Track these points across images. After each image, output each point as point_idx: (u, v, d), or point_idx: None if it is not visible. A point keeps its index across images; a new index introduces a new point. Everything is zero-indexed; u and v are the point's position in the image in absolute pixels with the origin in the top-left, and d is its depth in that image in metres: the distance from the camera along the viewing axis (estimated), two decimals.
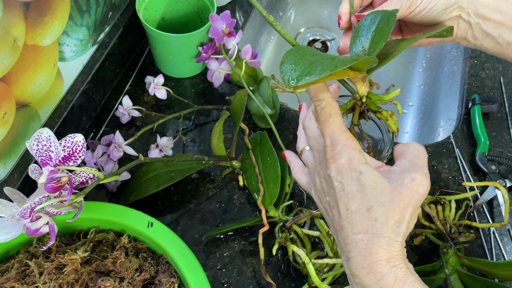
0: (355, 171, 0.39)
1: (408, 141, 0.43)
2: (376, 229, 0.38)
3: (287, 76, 0.37)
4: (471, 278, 0.59)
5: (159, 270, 0.54)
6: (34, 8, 0.54)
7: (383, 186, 0.39)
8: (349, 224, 0.39)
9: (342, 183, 0.39)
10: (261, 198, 0.62)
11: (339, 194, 0.40)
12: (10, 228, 0.47)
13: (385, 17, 0.44)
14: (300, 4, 1.15)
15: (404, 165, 0.40)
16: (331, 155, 0.40)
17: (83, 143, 0.48)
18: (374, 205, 0.38)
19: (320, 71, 0.36)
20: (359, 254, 0.38)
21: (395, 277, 0.37)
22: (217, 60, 0.75)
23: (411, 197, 0.38)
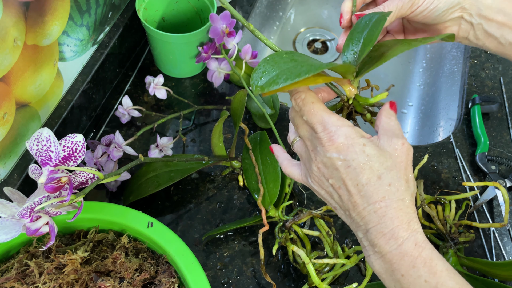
0: (358, 145, 0.40)
1: None
2: (391, 193, 0.39)
3: (255, 83, 0.39)
4: (471, 278, 0.59)
5: (159, 270, 0.54)
6: (34, 8, 0.54)
7: (384, 152, 0.40)
8: (363, 197, 0.40)
9: (346, 160, 0.40)
10: (261, 198, 0.62)
11: (345, 172, 0.40)
12: (10, 228, 0.46)
13: (378, 20, 0.45)
14: (300, 4, 1.15)
15: (388, 132, 0.42)
16: (327, 138, 0.41)
17: (83, 143, 0.48)
18: (384, 171, 0.40)
19: (284, 80, 0.37)
20: (379, 222, 0.39)
21: (415, 241, 0.39)
22: (217, 60, 0.75)
23: (407, 158, 0.41)
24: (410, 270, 0.39)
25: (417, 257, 0.39)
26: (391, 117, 0.43)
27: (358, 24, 0.46)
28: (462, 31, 0.53)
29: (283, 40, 1.09)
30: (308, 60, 0.41)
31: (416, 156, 0.75)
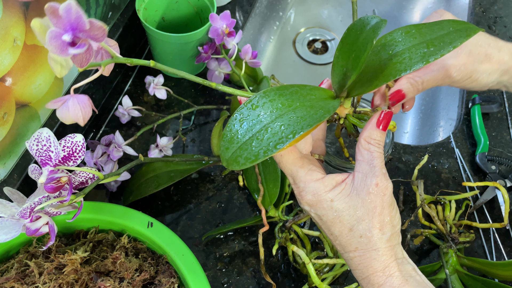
0: (325, 201, 0.40)
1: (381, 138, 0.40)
2: (364, 244, 0.39)
3: (222, 155, 0.36)
4: (471, 278, 0.59)
5: (159, 270, 0.54)
6: (34, 8, 0.54)
7: (355, 202, 0.39)
8: (339, 245, 0.41)
9: (317, 214, 0.41)
10: (261, 198, 0.62)
11: (319, 222, 0.42)
12: (10, 228, 0.46)
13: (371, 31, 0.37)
14: (300, 4, 1.15)
15: (364, 169, 0.39)
16: (297, 193, 0.42)
17: (83, 143, 0.48)
18: (354, 223, 0.39)
19: (244, 159, 0.34)
20: (357, 269, 0.40)
21: (390, 287, 0.39)
22: (217, 60, 0.74)
23: (382, 201, 0.39)
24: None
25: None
26: (371, 146, 0.39)
27: (350, 31, 0.39)
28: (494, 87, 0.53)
29: (283, 40, 1.09)
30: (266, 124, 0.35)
31: (416, 156, 0.75)
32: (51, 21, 0.32)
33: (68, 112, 0.36)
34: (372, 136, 0.39)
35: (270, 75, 0.75)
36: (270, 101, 0.36)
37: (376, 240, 0.39)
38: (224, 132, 0.36)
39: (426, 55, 0.37)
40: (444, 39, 0.38)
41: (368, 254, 0.39)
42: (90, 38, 0.34)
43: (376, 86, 0.38)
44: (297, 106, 0.36)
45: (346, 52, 0.38)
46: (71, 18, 0.33)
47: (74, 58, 0.35)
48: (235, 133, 0.36)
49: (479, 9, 0.97)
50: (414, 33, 0.39)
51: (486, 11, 0.97)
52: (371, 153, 0.39)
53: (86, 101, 0.37)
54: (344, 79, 0.38)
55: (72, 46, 0.33)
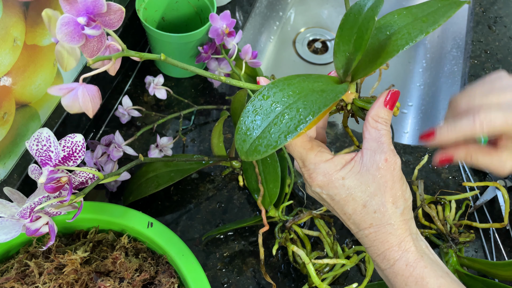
0: (337, 180, 0.40)
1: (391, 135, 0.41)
2: (378, 219, 0.39)
3: (239, 148, 0.36)
4: (471, 278, 0.59)
5: (159, 270, 0.54)
6: (34, 8, 0.54)
7: (366, 178, 0.39)
8: (353, 223, 0.41)
9: (329, 194, 0.41)
10: (261, 198, 0.62)
11: (332, 203, 0.41)
12: (10, 228, 0.46)
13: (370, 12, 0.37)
14: (300, 4, 1.15)
15: (372, 146, 0.40)
16: (308, 175, 0.41)
17: (83, 143, 0.48)
18: (367, 199, 0.39)
19: (264, 147, 0.34)
20: (372, 245, 0.40)
21: (406, 262, 0.39)
22: (217, 60, 0.74)
23: (392, 176, 0.39)
24: None
25: (408, 276, 0.39)
26: (378, 124, 0.40)
27: (347, 15, 0.40)
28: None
29: (283, 40, 1.09)
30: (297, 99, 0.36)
31: (416, 156, 0.75)
32: (64, 7, 0.32)
33: (76, 101, 0.35)
34: (380, 114, 0.40)
35: (270, 75, 0.75)
36: (280, 90, 0.37)
37: (390, 214, 0.39)
38: (239, 125, 0.36)
39: (424, 28, 0.38)
40: (437, 13, 0.39)
41: (384, 229, 0.39)
42: (105, 23, 0.33)
43: (381, 64, 0.38)
44: (308, 93, 0.37)
45: (346, 36, 0.39)
46: (88, 1, 0.32)
47: (85, 47, 0.33)
48: (250, 124, 0.36)
49: (479, 9, 0.97)
50: (406, 14, 0.40)
51: (486, 11, 0.97)
52: (378, 131, 0.40)
53: (96, 92, 0.36)
54: (348, 63, 0.39)
55: None
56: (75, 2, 0.32)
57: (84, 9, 0.32)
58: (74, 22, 0.33)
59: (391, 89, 0.40)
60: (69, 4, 0.32)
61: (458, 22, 1.01)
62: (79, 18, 0.32)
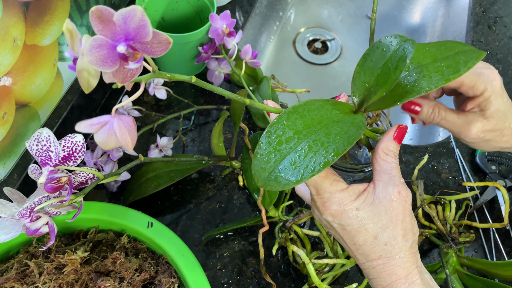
0: (351, 211, 0.40)
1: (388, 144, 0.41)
2: (388, 252, 0.39)
3: (256, 175, 0.34)
4: (471, 278, 0.59)
5: (159, 270, 0.54)
6: (33, 8, 0.54)
7: (379, 210, 0.40)
8: (361, 254, 0.41)
9: (341, 224, 0.40)
10: (261, 198, 0.62)
11: (341, 233, 0.41)
12: (9, 228, 0.46)
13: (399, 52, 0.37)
14: (300, 4, 1.15)
15: (384, 178, 0.40)
16: (321, 203, 0.41)
17: (83, 143, 0.48)
18: (379, 231, 0.39)
19: (286, 180, 0.33)
20: (378, 277, 0.40)
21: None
22: (217, 60, 0.74)
23: (403, 209, 0.40)
24: None
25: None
26: (388, 157, 0.40)
27: (375, 47, 0.39)
28: None
29: (283, 40, 1.09)
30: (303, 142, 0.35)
31: (416, 156, 0.75)
32: (95, 26, 0.28)
33: (112, 135, 0.31)
34: (389, 147, 0.40)
35: (270, 75, 0.75)
36: (301, 117, 0.36)
37: (400, 247, 0.39)
38: (258, 150, 0.35)
39: (445, 74, 0.38)
40: (455, 60, 0.39)
41: (393, 261, 0.39)
42: (145, 51, 0.29)
43: (400, 103, 0.38)
44: (328, 123, 0.36)
45: (369, 68, 0.39)
46: (130, 26, 0.28)
47: (117, 73, 0.30)
48: (271, 152, 0.35)
49: (479, 9, 0.97)
50: (424, 52, 0.40)
51: (486, 11, 0.97)
52: (389, 163, 0.40)
53: (132, 123, 0.32)
54: (367, 94, 0.39)
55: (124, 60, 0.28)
56: (111, 23, 0.27)
57: (123, 34, 0.27)
58: (109, 46, 0.28)
59: (400, 125, 0.41)
60: (102, 23, 0.27)
61: (458, 22, 1.01)
62: (119, 47, 0.28)
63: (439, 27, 1.08)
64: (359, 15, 1.15)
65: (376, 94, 0.38)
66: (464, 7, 1.04)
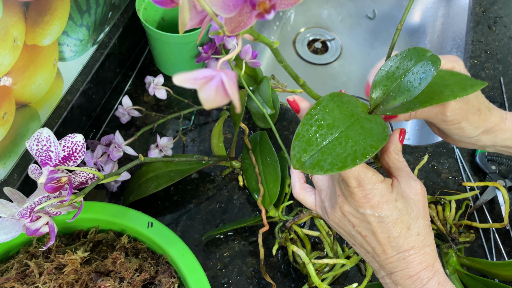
0: (391, 202, 0.41)
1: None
2: (420, 241, 0.41)
3: (295, 156, 0.34)
4: (471, 278, 0.59)
5: (159, 270, 0.54)
6: (34, 8, 0.54)
7: (409, 202, 0.42)
8: (394, 247, 0.41)
9: (380, 216, 0.41)
10: (261, 198, 0.62)
11: (377, 226, 0.41)
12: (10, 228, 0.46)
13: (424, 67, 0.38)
14: (300, 4, 1.15)
15: (403, 174, 0.43)
16: (363, 195, 0.40)
17: (83, 143, 0.48)
18: (411, 222, 0.41)
19: (329, 165, 0.33)
20: (407, 267, 0.41)
21: (438, 281, 0.41)
22: (217, 60, 0.75)
23: (424, 202, 0.42)
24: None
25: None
26: (399, 156, 0.43)
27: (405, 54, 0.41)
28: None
29: (283, 40, 1.09)
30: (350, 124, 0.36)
31: (416, 156, 0.75)
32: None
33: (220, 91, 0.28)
34: (398, 147, 0.43)
35: (270, 75, 0.75)
36: (337, 106, 0.37)
37: (429, 236, 0.42)
38: (300, 131, 0.35)
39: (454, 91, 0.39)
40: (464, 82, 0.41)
41: (423, 250, 0.41)
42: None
43: (411, 111, 0.40)
44: (358, 117, 0.37)
45: (393, 74, 0.40)
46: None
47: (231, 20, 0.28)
48: (313, 135, 0.35)
49: (479, 9, 0.97)
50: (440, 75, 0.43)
51: (486, 11, 0.97)
52: (401, 162, 0.43)
53: (235, 78, 0.29)
54: (384, 98, 0.40)
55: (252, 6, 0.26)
56: None
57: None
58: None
59: (402, 128, 0.44)
60: None
61: (458, 22, 1.02)
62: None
63: (439, 27, 1.08)
64: (359, 15, 1.15)
65: (396, 99, 0.38)
66: (464, 7, 1.04)
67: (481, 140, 0.51)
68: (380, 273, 0.44)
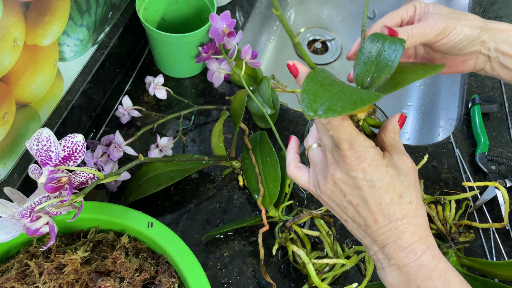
0: (383, 166, 0.41)
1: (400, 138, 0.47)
2: (412, 210, 0.41)
3: (308, 106, 0.37)
4: (471, 278, 0.59)
5: (159, 270, 0.54)
6: (34, 8, 0.54)
7: (400, 171, 0.42)
8: (385, 215, 0.41)
9: (371, 180, 0.40)
10: (261, 198, 0.62)
11: (368, 191, 0.41)
12: (10, 228, 0.47)
13: (391, 46, 0.44)
14: (300, 4, 1.15)
15: (396, 150, 0.43)
16: (354, 158, 0.41)
17: (83, 143, 0.48)
18: (403, 190, 0.41)
19: (341, 107, 0.36)
20: (400, 238, 0.41)
21: (432, 254, 0.41)
22: (217, 60, 0.75)
23: (415, 177, 0.43)
24: (427, 281, 0.41)
25: (433, 268, 0.41)
26: (396, 132, 0.44)
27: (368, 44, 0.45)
28: (479, 63, 0.55)
29: (283, 40, 1.09)
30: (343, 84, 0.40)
31: (416, 156, 0.75)
32: None
33: None
34: (396, 128, 0.44)
35: (270, 75, 0.75)
36: (328, 75, 0.40)
37: (421, 208, 0.41)
38: (305, 87, 0.38)
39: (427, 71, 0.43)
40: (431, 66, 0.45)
41: (415, 220, 0.41)
42: None
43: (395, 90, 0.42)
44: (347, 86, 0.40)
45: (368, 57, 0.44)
46: None
47: None
48: (319, 89, 0.38)
49: (479, 9, 0.97)
50: None
51: (486, 11, 0.97)
52: (397, 141, 0.44)
53: None
54: (371, 82, 0.43)
55: None
56: None
57: None
58: None
59: (403, 113, 0.45)
60: None
61: None
62: None
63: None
64: (359, 15, 1.15)
65: (380, 77, 0.42)
66: (464, 7, 1.04)
67: (485, 42, 0.53)
68: (372, 249, 0.43)
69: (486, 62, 0.55)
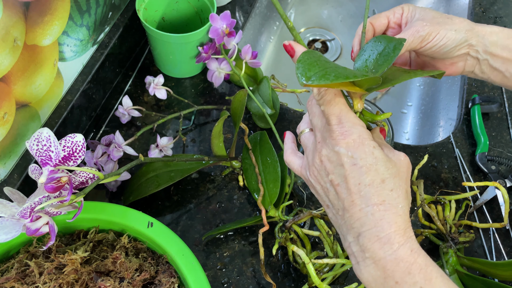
0: (368, 146, 0.40)
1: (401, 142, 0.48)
2: (392, 198, 0.39)
3: (302, 73, 0.38)
4: (471, 278, 0.59)
5: (159, 270, 0.54)
6: (34, 8, 0.54)
7: (390, 159, 0.41)
8: (362, 197, 0.39)
9: (354, 157, 0.40)
10: (261, 198, 0.62)
11: (349, 169, 0.40)
12: (10, 228, 0.47)
13: (392, 44, 0.46)
14: (300, 4, 1.15)
15: (388, 147, 0.43)
16: (340, 132, 0.41)
17: (83, 143, 0.48)
18: (388, 176, 0.40)
19: (334, 77, 0.37)
20: (376, 225, 0.39)
21: (411, 248, 0.38)
22: (217, 60, 0.75)
23: (407, 171, 0.42)
24: (406, 276, 0.38)
25: (412, 263, 0.38)
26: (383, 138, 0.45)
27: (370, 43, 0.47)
28: (468, 66, 0.55)
29: (283, 40, 1.09)
30: (337, 64, 0.42)
31: (416, 156, 0.75)
32: None
33: None
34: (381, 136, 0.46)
35: (270, 75, 0.75)
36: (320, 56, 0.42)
37: (403, 199, 0.40)
38: (301, 59, 0.39)
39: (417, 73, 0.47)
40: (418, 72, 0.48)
41: (394, 209, 0.39)
42: None
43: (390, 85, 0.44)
44: None
45: (371, 54, 0.46)
46: None
47: None
48: (314, 62, 0.39)
49: (479, 9, 0.97)
50: None
51: (486, 11, 0.97)
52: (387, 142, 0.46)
53: None
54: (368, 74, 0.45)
55: None
56: None
57: None
58: None
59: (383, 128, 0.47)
60: None
61: None
62: None
63: None
64: (359, 15, 1.15)
65: (378, 72, 0.43)
66: (464, 7, 1.04)
67: (473, 45, 0.52)
68: (347, 240, 0.41)
69: (475, 65, 0.54)
